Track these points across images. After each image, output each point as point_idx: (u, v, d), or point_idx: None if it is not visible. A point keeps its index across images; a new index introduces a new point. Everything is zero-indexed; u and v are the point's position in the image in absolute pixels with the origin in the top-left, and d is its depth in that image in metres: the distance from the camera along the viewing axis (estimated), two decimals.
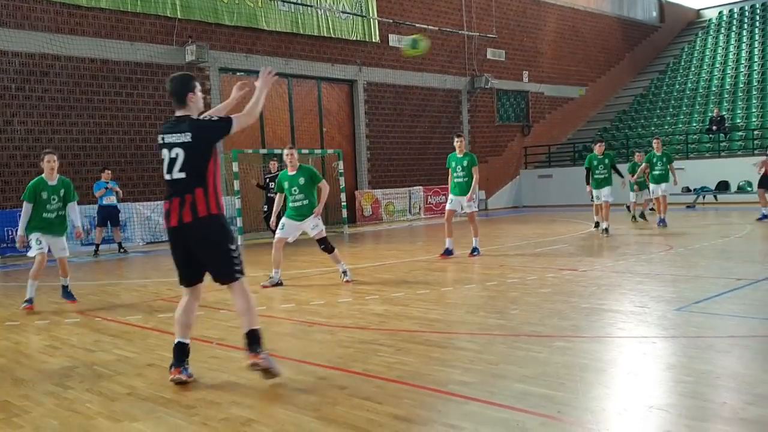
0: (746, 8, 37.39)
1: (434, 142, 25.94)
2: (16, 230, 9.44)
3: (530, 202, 28.71)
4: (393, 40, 24.50)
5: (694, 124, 28.20)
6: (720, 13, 38.78)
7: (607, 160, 14.47)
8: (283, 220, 9.30)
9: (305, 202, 9.20)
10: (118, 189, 15.79)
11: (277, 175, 17.05)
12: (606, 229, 14.01)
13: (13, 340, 6.68)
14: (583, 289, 7.92)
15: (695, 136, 26.65)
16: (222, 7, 19.80)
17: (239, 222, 17.15)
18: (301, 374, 4.91)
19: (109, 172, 15.89)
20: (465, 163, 11.59)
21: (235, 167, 17.15)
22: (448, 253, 11.51)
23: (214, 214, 4.76)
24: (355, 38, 23.13)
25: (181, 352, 4.88)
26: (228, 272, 4.82)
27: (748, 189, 22.07)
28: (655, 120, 30.20)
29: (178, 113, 4.88)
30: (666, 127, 29.02)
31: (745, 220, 16.36)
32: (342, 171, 19.97)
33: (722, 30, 36.50)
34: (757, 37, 33.59)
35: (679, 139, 26.84)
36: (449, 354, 5.31)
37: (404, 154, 24.97)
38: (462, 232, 12.64)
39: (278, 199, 9.57)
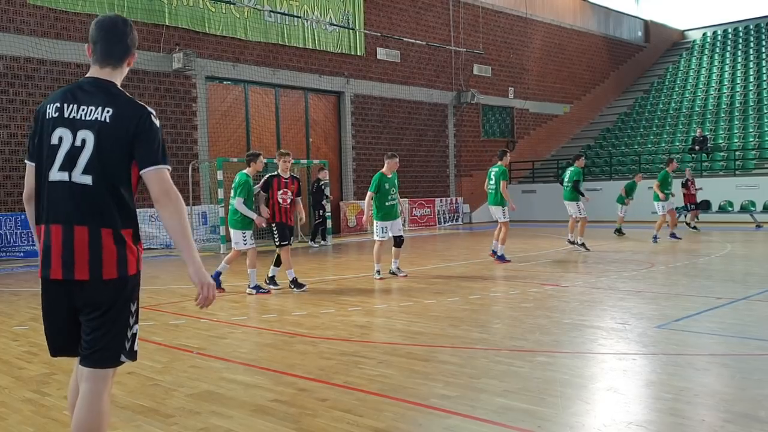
0: (729, 31, 38.01)
1: (420, 155, 26.03)
2: None
3: (514, 217, 28.70)
4: (380, 53, 24.61)
5: (677, 144, 28.50)
6: (704, 34, 39.35)
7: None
8: None
9: None
10: None
11: (326, 182, 18.24)
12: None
13: None
14: (565, 305, 7.96)
15: (678, 156, 26.92)
16: (209, 16, 19.79)
17: (222, 231, 17.06)
18: (281, 385, 4.88)
19: None
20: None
21: (219, 176, 17.10)
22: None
23: (135, 273, 2.98)
24: (340, 51, 23.20)
25: None
26: (115, 349, 2.96)
27: (729, 209, 22.35)
28: (639, 139, 30.49)
29: (98, 75, 3.02)
30: (649, 146, 29.31)
31: (725, 240, 16.54)
32: (327, 181, 19.95)
33: (706, 51, 37.02)
34: (740, 59, 34.10)
35: (662, 158, 27.10)
36: (431, 367, 5.30)
37: None
38: (447, 245, 12.65)
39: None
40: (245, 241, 9.49)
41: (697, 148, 25.97)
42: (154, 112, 3.00)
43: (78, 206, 2.87)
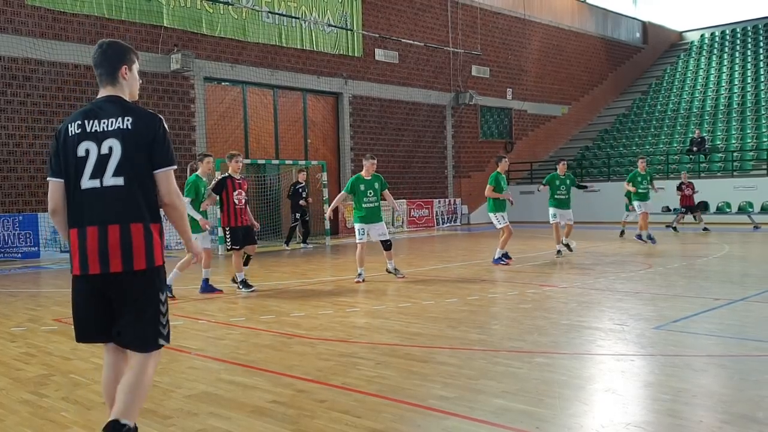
0: (727, 32, 38.07)
1: (418, 156, 26.04)
2: None
3: (512, 218, 28.50)
4: (379, 54, 24.62)
5: (675, 145, 28.53)
6: (702, 36, 39.41)
7: (568, 181, 14.39)
8: None
9: None
10: None
11: (303, 185, 18.06)
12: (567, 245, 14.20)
13: None
14: (563, 306, 7.96)
15: (676, 157, 26.96)
16: (207, 17, 19.79)
17: (219, 232, 17.04)
18: (279, 386, 4.88)
19: None
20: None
21: (217, 177, 17.06)
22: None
23: (161, 264, 3.39)
24: (338, 52, 23.20)
25: None
26: (153, 335, 3.36)
27: (727, 210, 22.38)
28: (637, 140, 30.52)
29: (105, 93, 3.45)
30: (647, 147, 29.33)
31: (723, 241, 16.55)
32: (326, 182, 19.96)
33: (704, 53, 37.09)
34: (737, 61, 34.17)
35: (660, 159, 27.14)
36: (429, 368, 5.30)
37: (388, 167, 24.99)
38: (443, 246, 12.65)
39: None
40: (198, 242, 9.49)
41: (695, 149, 26.00)
42: (163, 118, 3.45)
43: (110, 207, 3.26)
